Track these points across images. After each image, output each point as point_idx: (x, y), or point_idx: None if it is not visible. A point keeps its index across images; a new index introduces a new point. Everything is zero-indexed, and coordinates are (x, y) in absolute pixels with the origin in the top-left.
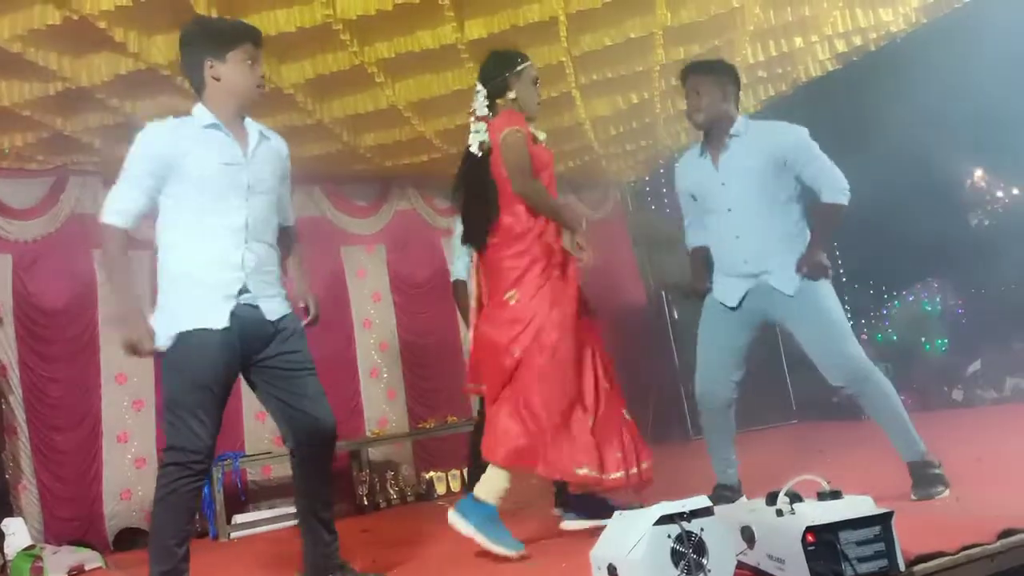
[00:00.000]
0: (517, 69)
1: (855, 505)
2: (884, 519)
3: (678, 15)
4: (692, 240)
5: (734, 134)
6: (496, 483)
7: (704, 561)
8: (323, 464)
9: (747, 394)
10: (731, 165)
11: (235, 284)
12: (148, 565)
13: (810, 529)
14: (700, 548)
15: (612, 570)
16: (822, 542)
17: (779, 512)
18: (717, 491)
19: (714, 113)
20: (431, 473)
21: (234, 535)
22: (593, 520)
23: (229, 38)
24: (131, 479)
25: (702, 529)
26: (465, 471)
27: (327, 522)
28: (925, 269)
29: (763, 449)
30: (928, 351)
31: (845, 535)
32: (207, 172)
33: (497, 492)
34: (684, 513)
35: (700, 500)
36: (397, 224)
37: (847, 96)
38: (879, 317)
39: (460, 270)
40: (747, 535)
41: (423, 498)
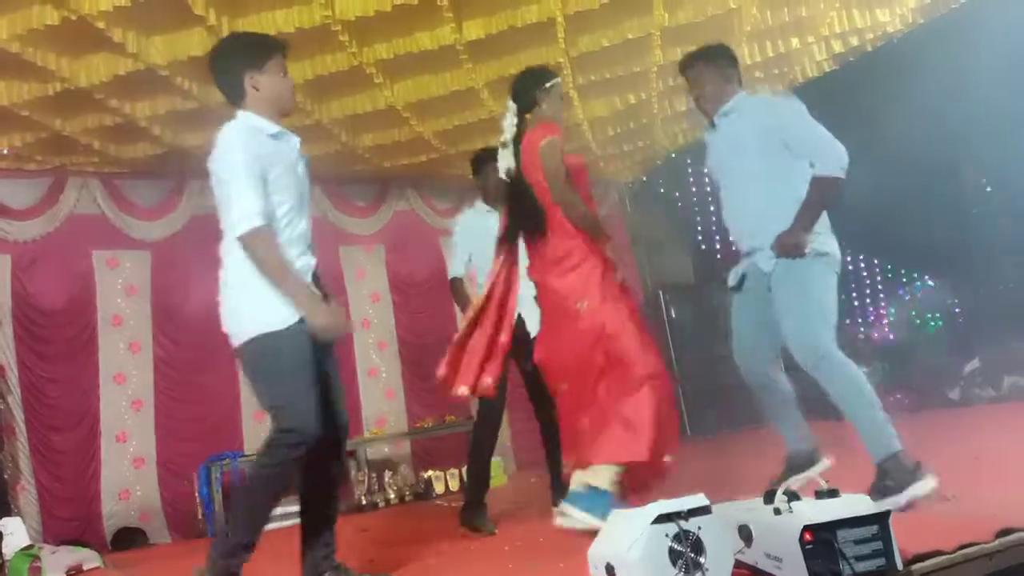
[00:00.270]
0: (547, 86)
1: (853, 504)
2: (882, 518)
3: (675, 16)
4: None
5: (724, 113)
6: (611, 471)
7: (702, 560)
8: (339, 463)
9: (745, 393)
10: (723, 143)
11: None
12: (230, 536)
13: (808, 528)
14: (698, 547)
15: (610, 569)
16: (820, 541)
17: (777, 511)
18: (787, 461)
19: (718, 98)
20: (429, 472)
21: None
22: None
23: (265, 49)
24: (129, 479)
25: (700, 528)
26: (464, 470)
27: (332, 522)
28: (922, 268)
29: (761, 448)
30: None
31: (843, 534)
32: (289, 180)
33: (612, 479)
34: (682, 512)
35: (698, 499)
36: (396, 224)
37: (844, 97)
38: (876, 316)
39: (458, 268)
40: (745, 534)
41: (421, 497)
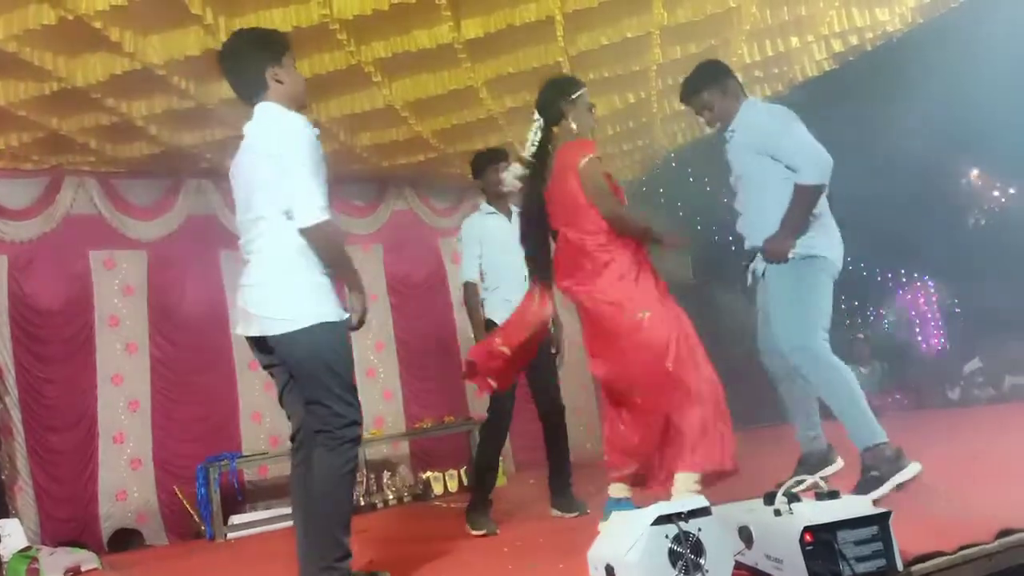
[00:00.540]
0: (572, 96)
1: (853, 505)
2: (882, 519)
3: (675, 15)
4: None
5: (731, 130)
6: (691, 485)
7: (702, 561)
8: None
9: (744, 393)
10: (732, 155)
11: None
12: (333, 538)
13: (808, 529)
14: (698, 548)
15: (610, 570)
16: (820, 542)
17: (777, 512)
18: (801, 460)
19: (726, 115)
20: (428, 473)
21: (231, 535)
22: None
23: (282, 44)
24: (126, 480)
25: (699, 529)
26: (463, 471)
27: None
28: (921, 268)
29: (761, 449)
30: (923, 350)
31: (843, 535)
32: (325, 172)
33: (693, 487)
34: (682, 513)
35: (698, 500)
36: (394, 224)
37: (844, 96)
38: (876, 316)
39: (471, 272)
40: (745, 535)
41: (420, 498)
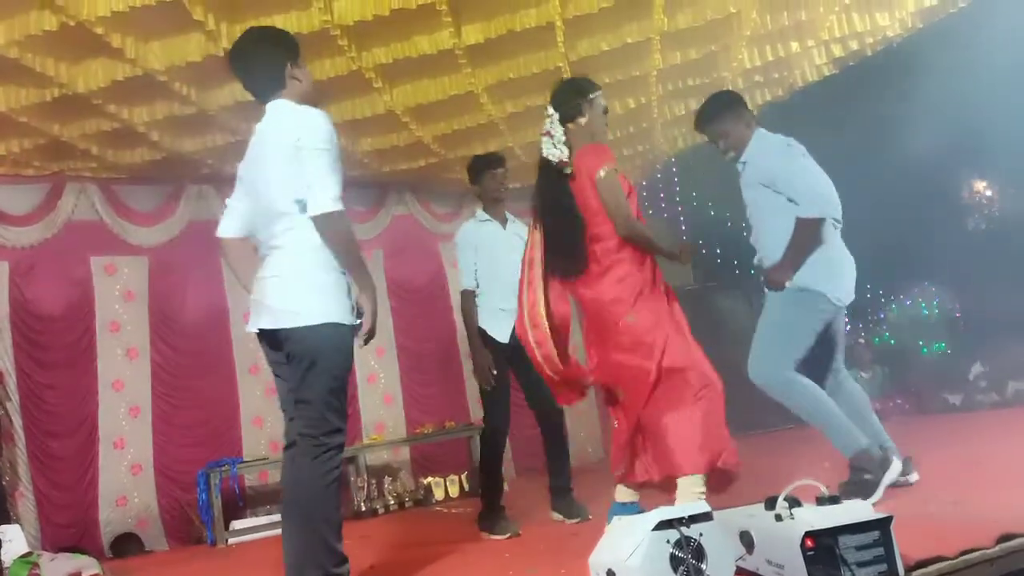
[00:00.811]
0: (590, 97)
1: (854, 510)
2: (883, 524)
3: (675, 20)
4: None
5: (742, 161)
6: (696, 488)
7: (703, 566)
8: None
9: (746, 398)
10: (744, 183)
11: None
12: (327, 546)
13: (809, 534)
14: (699, 553)
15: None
16: (821, 547)
17: (778, 517)
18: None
19: (740, 143)
20: (429, 478)
21: (232, 541)
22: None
23: (298, 44)
24: (127, 485)
25: (701, 534)
26: (464, 476)
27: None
28: (922, 273)
29: (762, 453)
30: (925, 354)
31: (844, 540)
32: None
33: (700, 498)
34: (683, 518)
35: (699, 505)
36: (394, 229)
37: (844, 101)
38: (877, 321)
39: (469, 280)
40: (746, 540)
41: (421, 504)
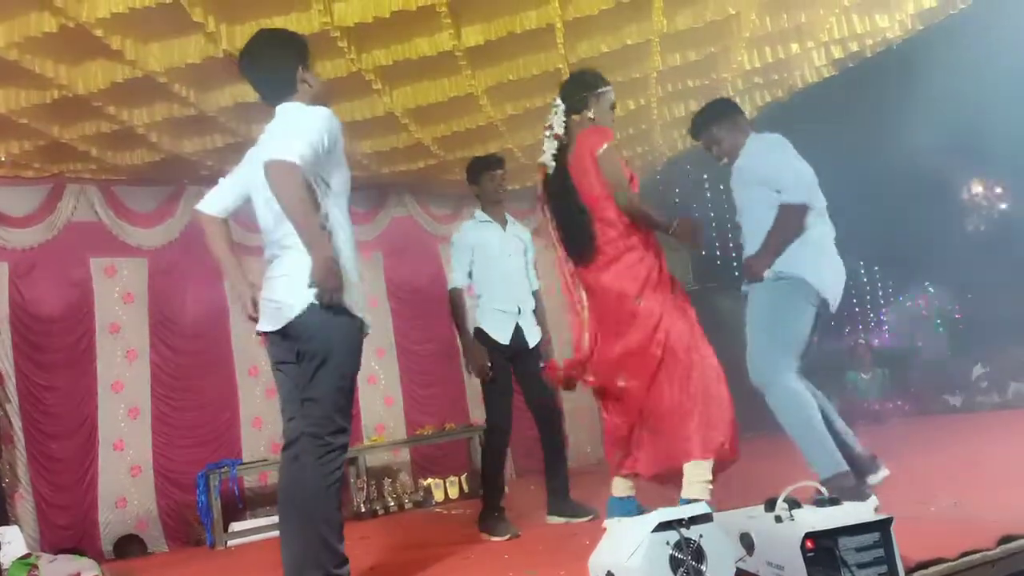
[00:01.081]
0: (598, 91)
1: (854, 511)
2: (883, 525)
3: (675, 22)
4: None
5: (736, 168)
6: (703, 476)
7: (703, 568)
8: None
9: (745, 399)
10: (734, 183)
11: None
12: (329, 546)
13: (809, 535)
14: (699, 555)
15: None
16: (821, 548)
17: (778, 518)
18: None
19: (735, 149)
20: (429, 480)
21: (231, 543)
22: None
23: (308, 49)
24: (126, 487)
25: (701, 536)
26: (463, 477)
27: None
28: (923, 274)
29: (761, 455)
30: (925, 356)
31: (844, 541)
32: (347, 175)
33: (707, 487)
34: (683, 520)
35: (699, 506)
36: (394, 230)
37: (843, 102)
38: (877, 322)
39: (459, 279)
40: (746, 542)
41: (421, 505)
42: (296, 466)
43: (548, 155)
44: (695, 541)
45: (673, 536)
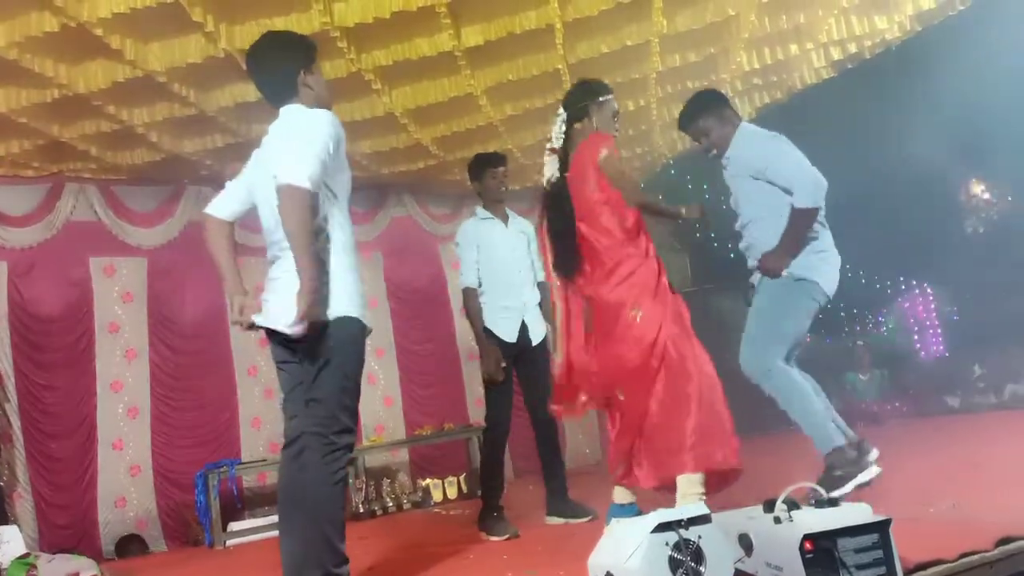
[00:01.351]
0: (600, 99)
1: (853, 512)
2: (882, 526)
3: (674, 23)
4: None
5: (728, 156)
6: (696, 489)
7: (702, 569)
8: None
9: (745, 400)
10: (731, 179)
11: None
12: (330, 545)
13: (808, 537)
14: (698, 556)
15: None
16: (820, 550)
17: (777, 519)
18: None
19: (723, 142)
20: (428, 480)
21: (230, 543)
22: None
23: (313, 50)
24: (126, 486)
25: (700, 537)
26: (462, 478)
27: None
28: (921, 276)
29: (760, 455)
30: (923, 357)
31: (843, 542)
32: (348, 178)
33: (700, 499)
34: (682, 520)
35: (698, 507)
36: (393, 231)
37: (842, 103)
38: (876, 323)
39: (471, 278)
40: (745, 543)
41: (419, 505)
42: (296, 464)
43: (549, 171)
44: (694, 542)
45: (672, 537)
